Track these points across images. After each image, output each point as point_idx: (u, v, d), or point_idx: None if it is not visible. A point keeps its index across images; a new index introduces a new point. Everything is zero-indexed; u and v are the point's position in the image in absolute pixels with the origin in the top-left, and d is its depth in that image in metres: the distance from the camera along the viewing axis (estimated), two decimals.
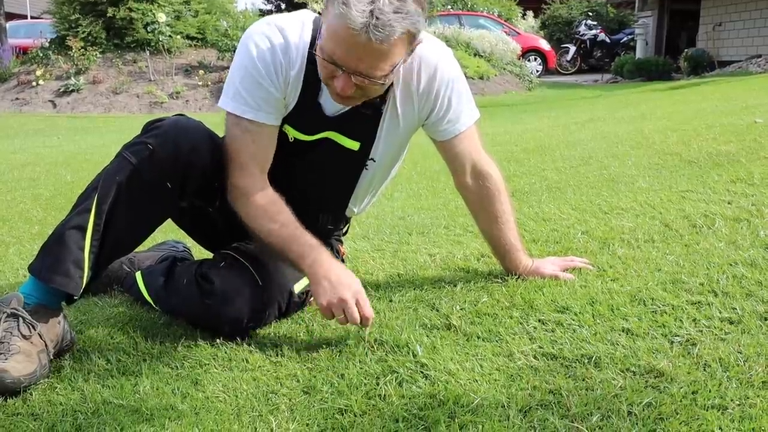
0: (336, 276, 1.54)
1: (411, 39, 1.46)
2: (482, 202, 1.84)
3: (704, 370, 1.30)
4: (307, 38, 1.59)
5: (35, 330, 1.45)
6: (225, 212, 1.71)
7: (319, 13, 1.60)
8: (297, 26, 1.59)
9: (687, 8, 16.66)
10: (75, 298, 1.52)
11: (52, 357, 1.50)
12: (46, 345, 1.47)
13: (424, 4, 1.45)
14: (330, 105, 1.65)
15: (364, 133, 1.71)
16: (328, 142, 1.70)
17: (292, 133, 1.69)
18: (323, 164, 1.74)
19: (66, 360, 1.54)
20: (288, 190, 1.70)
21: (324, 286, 1.52)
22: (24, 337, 1.44)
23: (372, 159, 1.76)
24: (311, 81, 1.60)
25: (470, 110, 1.77)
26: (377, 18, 1.34)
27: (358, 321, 1.51)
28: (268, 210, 1.61)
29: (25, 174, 4.72)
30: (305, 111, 1.65)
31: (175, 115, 1.63)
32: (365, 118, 1.68)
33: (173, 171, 1.52)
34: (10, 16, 19.25)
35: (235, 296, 1.61)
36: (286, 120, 1.67)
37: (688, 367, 1.31)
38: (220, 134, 1.69)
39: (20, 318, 1.45)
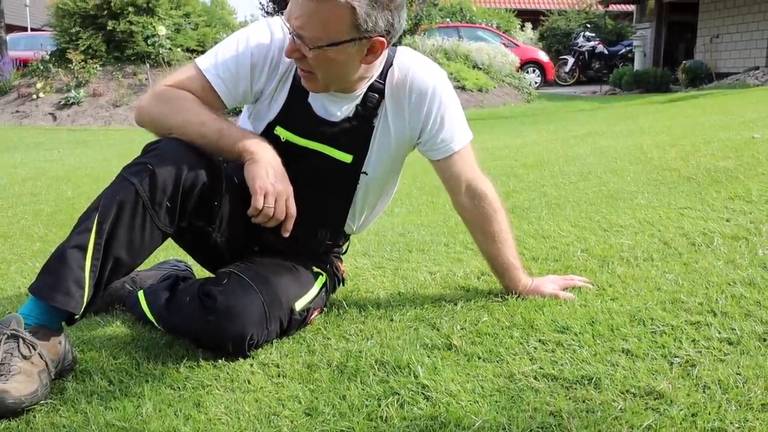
0: (279, 168, 1.62)
1: (350, 18, 1.50)
2: (479, 221, 1.86)
3: (704, 392, 1.31)
4: None
5: (35, 350, 1.46)
6: (225, 232, 1.73)
7: None
8: None
9: (685, 20, 16.75)
10: (76, 317, 1.53)
11: (53, 377, 1.50)
12: (47, 364, 1.48)
13: (388, 3, 1.52)
14: (318, 105, 1.70)
15: (356, 145, 1.74)
16: (320, 156, 1.72)
17: (284, 134, 1.72)
18: (318, 177, 1.77)
19: (69, 381, 1.55)
20: None
21: (267, 171, 1.58)
22: (24, 357, 1.44)
23: (364, 172, 1.79)
24: (300, 80, 1.66)
25: (464, 130, 1.81)
26: None
27: (284, 216, 1.59)
28: (182, 97, 1.63)
29: (26, 189, 4.73)
30: (295, 110, 1.70)
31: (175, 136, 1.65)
32: (357, 130, 1.72)
33: (173, 191, 1.55)
34: (11, 29, 19.32)
35: (237, 313, 1.62)
36: (277, 122, 1.71)
37: (687, 388, 1.32)
38: None
39: (20, 339, 1.46)
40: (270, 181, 1.58)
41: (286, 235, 1.63)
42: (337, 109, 1.71)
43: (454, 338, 1.64)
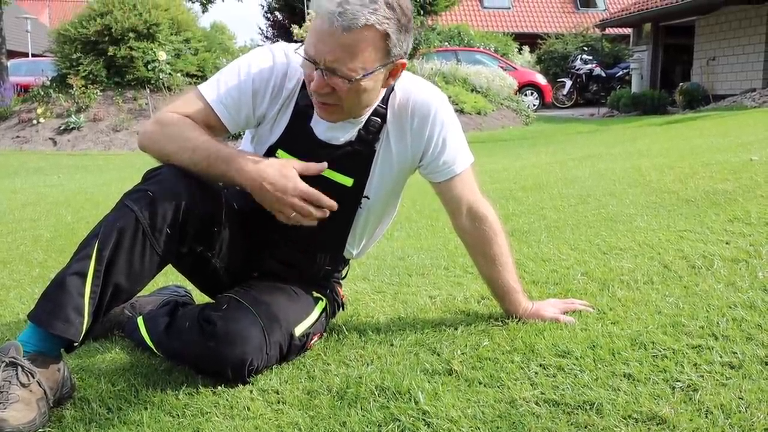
0: (275, 172, 1.57)
1: (382, 43, 1.51)
2: (479, 244, 1.86)
3: (706, 416, 1.30)
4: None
5: (34, 378, 1.45)
6: (225, 258, 1.73)
7: None
8: (297, 50, 1.66)
9: (681, 43, 16.91)
10: (75, 345, 1.52)
11: (52, 404, 1.49)
12: (45, 392, 1.47)
13: (402, 16, 1.52)
14: (321, 129, 1.69)
15: (357, 169, 1.74)
16: (321, 178, 1.72)
17: (285, 158, 1.72)
18: None
19: (67, 408, 1.54)
20: (284, 229, 1.72)
21: (267, 187, 1.56)
22: (23, 385, 1.43)
23: (366, 197, 1.79)
24: (303, 105, 1.67)
25: (466, 153, 1.81)
26: (344, 8, 1.45)
27: (315, 215, 1.57)
28: (179, 122, 1.63)
29: (26, 214, 4.73)
30: (297, 134, 1.70)
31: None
32: (359, 154, 1.71)
33: (173, 217, 1.55)
34: (12, 54, 19.45)
35: (237, 338, 1.61)
36: (279, 145, 1.71)
37: (690, 413, 1.31)
38: None
39: (19, 366, 1.45)
40: (278, 194, 1.56)
41: (334, 208, 1.60)
42: (341, 134, 1.71)
43: (454, 363, 1.63)
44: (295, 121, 1.69)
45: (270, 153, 1.73)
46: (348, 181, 1.74)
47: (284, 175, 1.58)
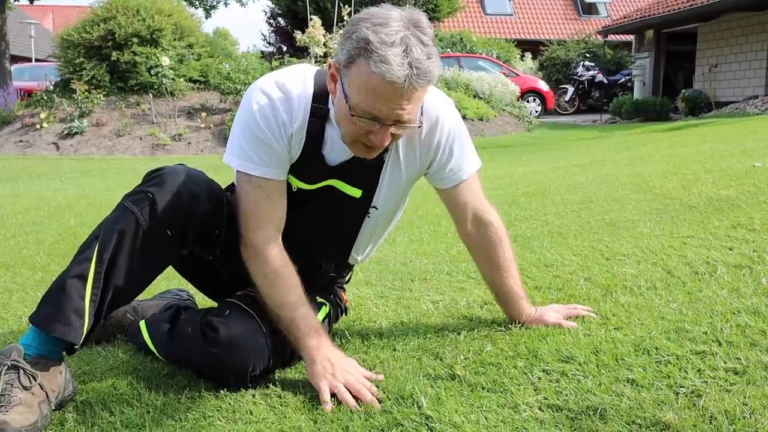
0: (337, 360, 1.60)
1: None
2: (484, 250, 1.86)
3: (710, 422, 1.30)
4: (309, 92, 1.63)
5: (36, 380, 1.46)
6: (226, 260, 1.72)
7: (318, 60, 1.64)
8: (298, 82, 1.64)
9: (683, 49, 16.91)
10: (76, 347, 1.52)
11: (54, 407, 1.50)
12: (47, 395, 1.47)
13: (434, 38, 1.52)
14: (333, 156, 1.68)
15: (366, 180, 1.73)
16: (330, 189, 1.72)
17: (296, 183, 1.72)
18: (326, 212, 1.76)
19: (69, 411, 1.54)
20: (291, 238, 1.72)
21: (325, 367, 1.58)
22: (24, 388, 1.44)
23: (374, 207, 1.78)
24: (313, 133, 1.64)
25: (472, 159, 1.80)
26: (417, 68, 1.42)
27: (367, 394, 1.52)
28: (281, 277, 1.64)
29: (29, 218, 4.74)
30: (308, 163, 1.68)
31: (176, 164, 1.66)
32: (368, 166, 1.70)
33: (173, 219, 1.55)
34: (15, 59, 19.52)
35: (240, 344, 1.61)
36: (289, 171, 1.69)
37: (694, 419, 1.31)
38: (221, 180, 1.71)
39: (21, 369, 1.45)
40: (329, 374, 1.57)
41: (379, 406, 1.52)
42: (351, 155, 1.68)
43: (457, 368, 1.63)
44: (307, 150, 1.66)
45: None
46: (357, 193, 1.74)
47: (345, 362, 1.62)
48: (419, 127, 1.56)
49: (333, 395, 1.53)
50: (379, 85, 1.42)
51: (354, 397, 1.52)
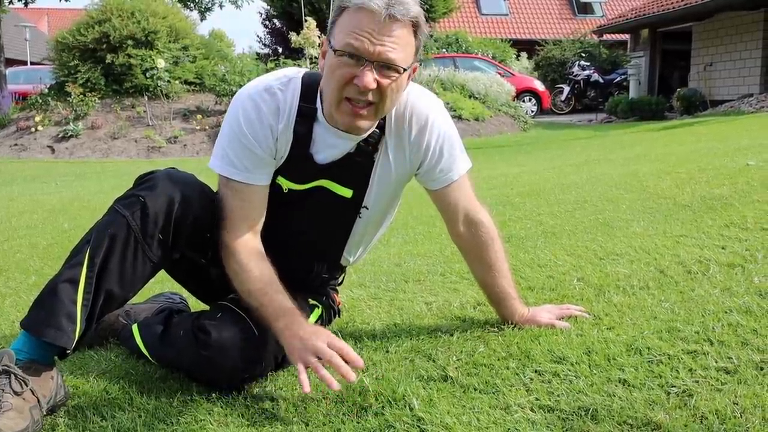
0: (306, 332, 1.54)
1: (415, 41, 1.55)
2: (475, 250, 1.86)
3: (701, 422, 1.30)
4: (297, 92, 1.64)
5: (27, 386, 1.45)
6: (218, 264, 1.72)
7: (313, 62, 1.66)
8: (284, 82, 1.65)
9: (679, 48, 16.93)
10: (68, 352, 1.52)
11: (45, 412, 1.49)
12: (38, 400, 1.46)
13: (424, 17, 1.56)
14: (322, 156, 1.69)
15: (356, 180, 1.74)
16: (321, 189, 1.72)
17: (286, 184, 1.72)
18: (317, 212, 1.76)
19: (60, 416, 1.53)
20: (283, 239, 1.72)
21: (294, 344, 1.52)
22: (15, 393, 1.43)
23: (365, 207, 1.78)
24: (301, 133, 1.65)
25: (462, 160, 1.81)
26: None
27: (340, 361, 1.46)
28: (245, 266, 1.63)
29: (23, 222, 4.73)
30: (297, 163, 1.69)
31: (167, 168, 1.66)
32: (358, 165, 1.71)
33: (165, 223, 1.55)
34: (10, 62, 19.47)
35: (231, 348, 1.61)
36: (279, 172, 1.70)
37: (684, 419, 1.31)
38: (214, 183, 1.71)
39: (12, 375, 1.45)
40: (299, 351, 1.51)
41: (360, 365, 1.51)
42: (339, 151, 1.70)
43: (449, 370, 1.63)
44: (294, 150, 1.67)
45: (272, 180, 1.72)
46: (347, 193, 1.74)
47: (315, 330, 1.57)
48: (405, 71, 1.55)
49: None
50: (358, 21, 1.48)
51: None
